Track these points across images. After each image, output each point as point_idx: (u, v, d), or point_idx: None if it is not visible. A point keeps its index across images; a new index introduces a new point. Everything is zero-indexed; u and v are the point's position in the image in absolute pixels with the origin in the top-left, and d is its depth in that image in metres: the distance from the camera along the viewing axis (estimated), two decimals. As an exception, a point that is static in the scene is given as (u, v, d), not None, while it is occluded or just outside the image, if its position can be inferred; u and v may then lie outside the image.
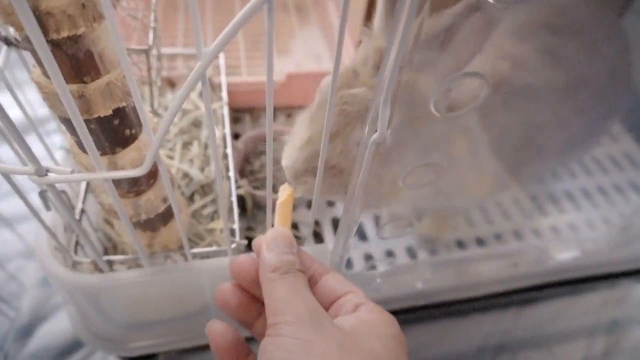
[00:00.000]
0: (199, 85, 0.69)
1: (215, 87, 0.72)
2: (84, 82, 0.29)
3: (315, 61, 0.93)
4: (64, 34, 0.25)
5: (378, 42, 0.43)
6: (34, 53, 0.28)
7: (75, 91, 0.29)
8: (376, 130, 0.33)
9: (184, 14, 0.94)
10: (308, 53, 0.95)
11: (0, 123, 0.32)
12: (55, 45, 0.27)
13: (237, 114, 0.83)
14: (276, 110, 0.85)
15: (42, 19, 0.24)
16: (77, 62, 0.28)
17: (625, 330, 0.78)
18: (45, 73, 0.29)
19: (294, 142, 0.46)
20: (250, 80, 0.80)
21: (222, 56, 0.70)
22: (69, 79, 0.29)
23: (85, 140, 0.29)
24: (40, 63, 0.28)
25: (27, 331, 0.73)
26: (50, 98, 0.30)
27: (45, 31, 0.25)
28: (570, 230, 0.77)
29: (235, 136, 0.78)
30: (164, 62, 0.67)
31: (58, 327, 0.73)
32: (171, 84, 0.73)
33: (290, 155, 0.45)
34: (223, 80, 0.65)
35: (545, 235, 0.75)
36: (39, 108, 0.97)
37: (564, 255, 0.68)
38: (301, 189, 0.45)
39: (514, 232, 0.75)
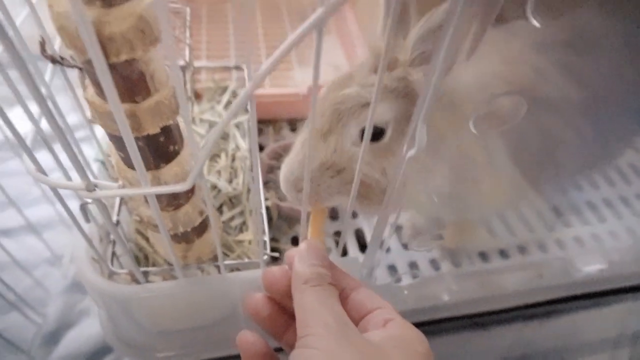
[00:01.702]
0: (225, 98, 0.70)
1: (239, 99, 0.73)
2: (136, 102, 0.30)
3: (334, 71, 0.94)
4: (123, 57, 0.26)
5: (376, 43, 0.45)
6: (89, 74, 0.30)
7: (128, 110, 0.30)
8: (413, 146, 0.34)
9: (206, 27, 0.96)
10: (327, 63, 0.96)
11: (51, 131, 0.34)
12: (111, 68, 0.28)
13: (260, 125, 0.84)
14: (298, 121, 0.86)
15: (104, 44, 0.25)
16: (131, 82, 0.29)
17: (650, 342, 0.77)
18: (99, 93, 0.30)
19: (290, 154, 0.46)
20: (273, 92, 0.81)
21: (246, 68, 0.71)
22: (122, 99, 0.30)
23: (135, 157, 0.30)
24: (96, 84, 0.30)
25: (53, 337, 0.74)
26: (103, 117, 0.31)
27: (105, 55, 0.26)
28: (594, 241, 0.76)
29: (259, 148, 0.79)
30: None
31: (84, 333, 0.74)
32: (197, 96, 0.74)
33: (286, 165, 0.45)
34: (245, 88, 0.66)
35: (569, 246, 0.75)
36: (69, 117, 0.99)
37: (590, 267, 0.67)
38: (299, 197, 0.44)
39: (538, 243, 0.75)
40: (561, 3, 0.26)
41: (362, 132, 0.42)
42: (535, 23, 0.24)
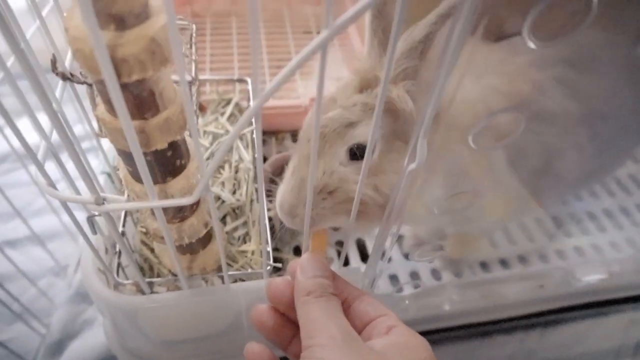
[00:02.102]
0: (229, 110, 0.70)
1: (242, 112, 0.74)
2: (145, 119, 0.31)
3: (336, 84, 0.95)
4: (135, 77, 0.27)
5: (360, 65, 0.46)
6: (101, 92, 0.31)
7: (137, 127, 0.31)
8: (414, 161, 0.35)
9: (210, 40, 0.98)
10: (329, 76, 0.97)
11: (61, 141, 0.35)
12: (123, 87, 0.29)
13: (262, 136, 0.85)
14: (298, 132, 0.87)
15: (117, 65, 0.26)
16: (141, 100, 0.30)
17: (651, 352, 0.77)
18: (109, 110, 0.31)
19: (282, 183, 0.47)
20: (276, 104, 0.82)
21: (250, 81, 0.72)
22: (132, 116, 0.31)
23: (143, 172, 0.31)
24: (107, 102, 0.31)
25: (57, 348, 0.75)
26: (113, 133, 0.32)
27: (118, 75, 0.27)
28: (594, 252, 0.77)
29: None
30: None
31: (88, 344, 0.74)
32: (201, 108, 0.75)
33: (280, 194, 0.46)
34: (252, 104, 0.67)
35: (570, 256, 0.75)
36: (74, 129, 1.00)
37: (591, 277, 0.68)
38: (296, 222, 0.45)
39: (538, 253, 0.75)
40: (557, 24, 0.27)
41: (349, 151, 0.43)
42: (531, 45, 0.25)
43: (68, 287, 0.81)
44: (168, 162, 0.36)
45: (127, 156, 0.34)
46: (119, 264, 0.49)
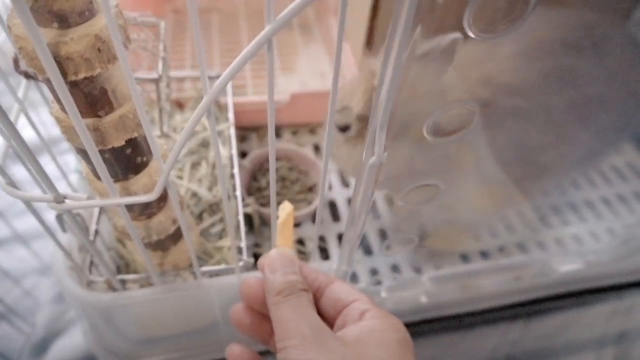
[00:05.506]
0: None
1: (222, 108, 0.74)
2: (99, 117, 0.31)
3: (319, 79, 0.95)
4: (82, 75, 0.27)
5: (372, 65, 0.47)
6: (53, 91, 0.31)
7: (91, 125, 0.31)
8: (373, 154, 0.35)
9: (191, 36, 0.98)
10: (312, 71, 0.97)
11: (20, 151, 0.35)
12: (73, 85, 0.29)
13: (244, 132, 0.85)
14: (281, 128, 0.87)
15: (62, 63, 0.26)
16: (93, 98, 0.30)
17: (633, 341, 0.78)
18: (63, 109, 0.31)
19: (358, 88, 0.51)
20: (256, 100, 0.82)
21: (202, 80, 0.72)
22: (84, 114, 0.31)
23: (100, 169, 0.31)
24: (59, 100, 0.31)
25: (42, 347, 0.75)
26: (68, 131, 0.32)
27: (64, 74, 0.27)
28: (574, 242, 0.77)
29: (243, 154, 0.80)
30: (172, 84, 0.69)
31: (72, 342, 0.75)
32: (180, 105, 0.75)
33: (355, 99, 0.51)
34: (230, 101, 0.67)
35: (549, 247, 0.76)
36: (52, 128, 1.00)
37: (567, 267, 0.68)
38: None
39: (518, 245, 0.76)
40: (500, 14, 0.27)
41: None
42: (471, 34, 0.25)
43: (53, 286, 0.82)
44: (128, 160, 0.36)
45: (85, 154, 0.34)
46: (91, 262, 0.49)
